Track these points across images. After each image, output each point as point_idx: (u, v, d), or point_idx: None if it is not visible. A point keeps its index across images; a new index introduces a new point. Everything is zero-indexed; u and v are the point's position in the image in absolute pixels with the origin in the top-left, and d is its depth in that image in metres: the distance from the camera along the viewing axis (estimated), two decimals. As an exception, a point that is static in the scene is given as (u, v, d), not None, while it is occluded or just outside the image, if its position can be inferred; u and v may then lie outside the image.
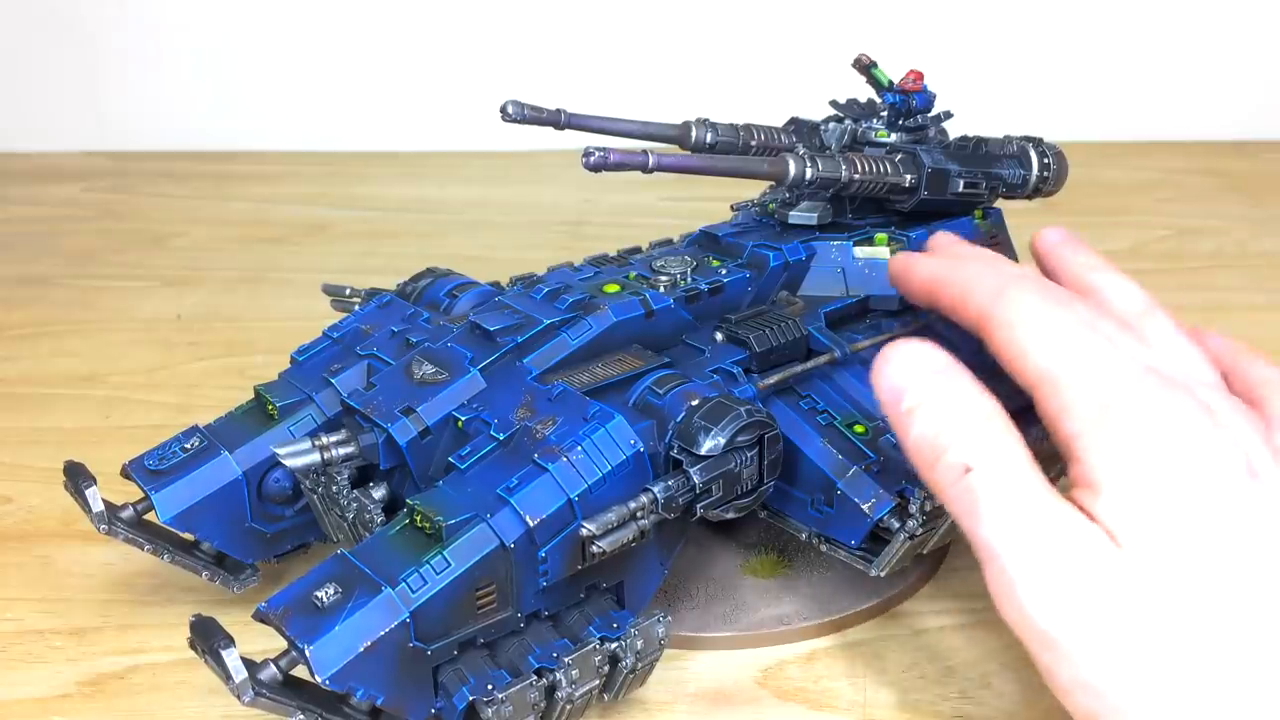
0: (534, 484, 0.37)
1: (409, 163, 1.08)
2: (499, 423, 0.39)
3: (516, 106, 0.46)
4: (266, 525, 0.45)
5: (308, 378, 0.45)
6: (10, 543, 0.52)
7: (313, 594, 0.34)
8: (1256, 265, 0.81)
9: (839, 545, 0.43)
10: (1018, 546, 0.31)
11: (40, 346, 0.72)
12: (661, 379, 0.41)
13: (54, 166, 1.09)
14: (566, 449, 0.37)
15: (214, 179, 1.05)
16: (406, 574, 0.35)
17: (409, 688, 0.35)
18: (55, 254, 0.88)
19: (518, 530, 0.36)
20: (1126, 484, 0.31)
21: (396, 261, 0.85)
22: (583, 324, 0.43)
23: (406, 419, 0.40)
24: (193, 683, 0.43)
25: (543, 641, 0.37)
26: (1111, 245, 0.86)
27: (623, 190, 0.96)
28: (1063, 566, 0.31)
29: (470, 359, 0.42)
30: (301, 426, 0.44)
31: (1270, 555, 0.30)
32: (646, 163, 0.41)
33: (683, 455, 0.39)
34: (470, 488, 0.37)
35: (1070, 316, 0.35)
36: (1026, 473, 0.32)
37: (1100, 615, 0.30)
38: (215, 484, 0.43)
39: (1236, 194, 0.95)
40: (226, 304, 0.78)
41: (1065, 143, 0.61)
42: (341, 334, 0.47)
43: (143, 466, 0.44)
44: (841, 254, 0.50)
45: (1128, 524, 0.31)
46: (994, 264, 0.40)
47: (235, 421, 0.45)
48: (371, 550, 0.36)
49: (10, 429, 0.62)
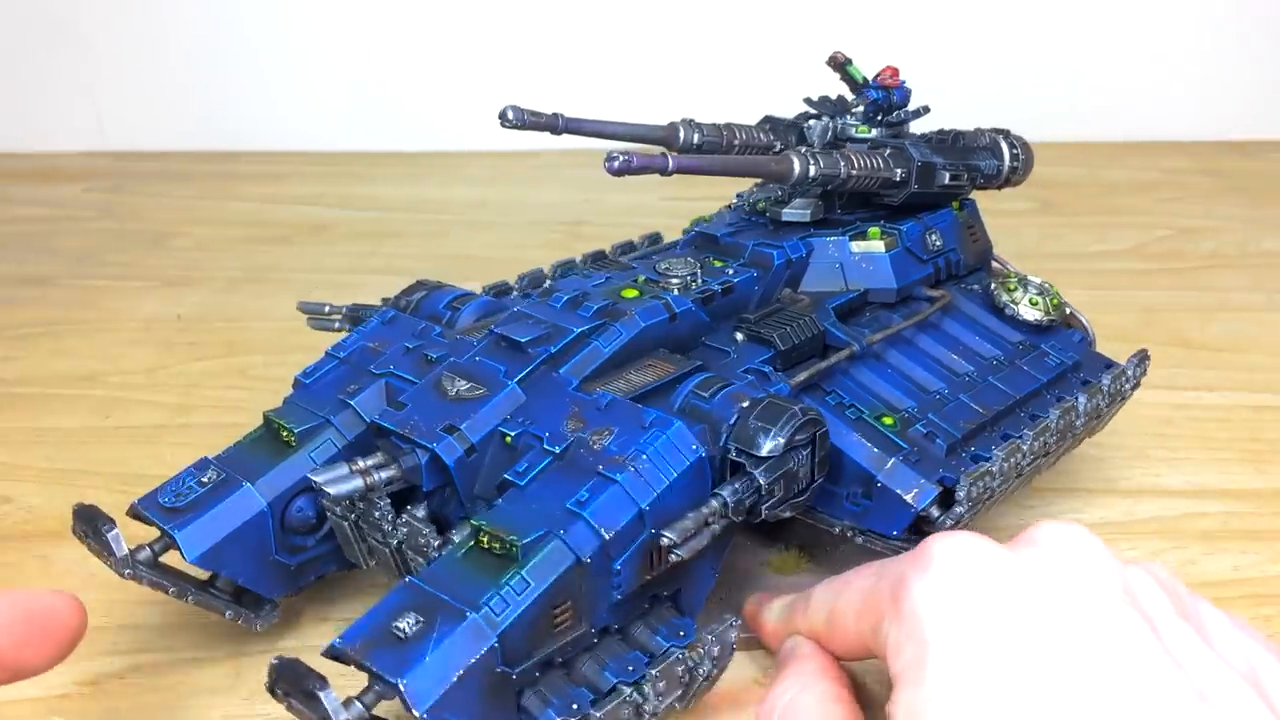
0: (605, 496, 0.36)
1: (409, 163, 1.08)
2: (551, 436, 0.39)
3: (516, 112, 0.46)
4: (290, 557, 0.43)
5: (321, 401, 0.44)
6: (10, 543, 0.52)
7: (391, 626, 0.33)
8: (1256, 265, 0.81)
9: (877, 537, 0.43)
10: None
11: (40, 346, 0.72)
12: (703, 383, 0.41)
13: (54, 166, 1.09)
14: (631, 458, 0.37)
15: (214, 179, 1.05)
16: (487, 598, 0.34)
17: (495, 714, 0.34)
18: (55, 254, 0.88)
19: (593, 544, 0.36)
20: (912, 686, 0.31)
21: (396, 261, 0.85)
22: (612, 331, 0.43)
23: (451, 437, 0.39)
24: (193, 683, 0.43)
25: (615, 656, 0.37)
26: (1111, 245, 0.86)
27: (623, 190, 0.95)
28: None
29: (504, 372, 0.41)
30: (322, 452, 0.42)
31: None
32: (666, 166, 0.41)
33: (743, 458, 0.39)
34: (534, 504, 0.37)
35: None
36: None
37: None
38: (240, 518, 0.41)
39: (1236, 194, 0.95)
40: (226, 304, 0.78)
41: (1065, 143, 0.61)
42: (348, 353, 0.46)
43: (157, 504, 0.41)
44: (838, 249, 0.51)
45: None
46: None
47: (248, 451, 0.43)
48: (442, 576, 0.35)
49: (10, 429, 0.62)
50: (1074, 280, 0.78)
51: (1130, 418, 0.60)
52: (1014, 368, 0.50)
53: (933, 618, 0.31)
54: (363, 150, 1.11)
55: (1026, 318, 0.52)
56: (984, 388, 0.48)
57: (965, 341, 0.51)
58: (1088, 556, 0.33)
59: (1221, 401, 0.62)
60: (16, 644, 0.33)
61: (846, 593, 0.37)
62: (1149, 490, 0.55)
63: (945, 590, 0.32)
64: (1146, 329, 0.71)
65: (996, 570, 0.32)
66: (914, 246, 0.51)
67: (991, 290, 0.53)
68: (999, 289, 0.53)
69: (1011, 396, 0.48)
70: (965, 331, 0.51)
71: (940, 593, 0.32)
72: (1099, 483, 0.55)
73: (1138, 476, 0.56)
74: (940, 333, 0.51)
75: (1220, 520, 0.52)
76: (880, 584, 0.34)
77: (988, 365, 0.49)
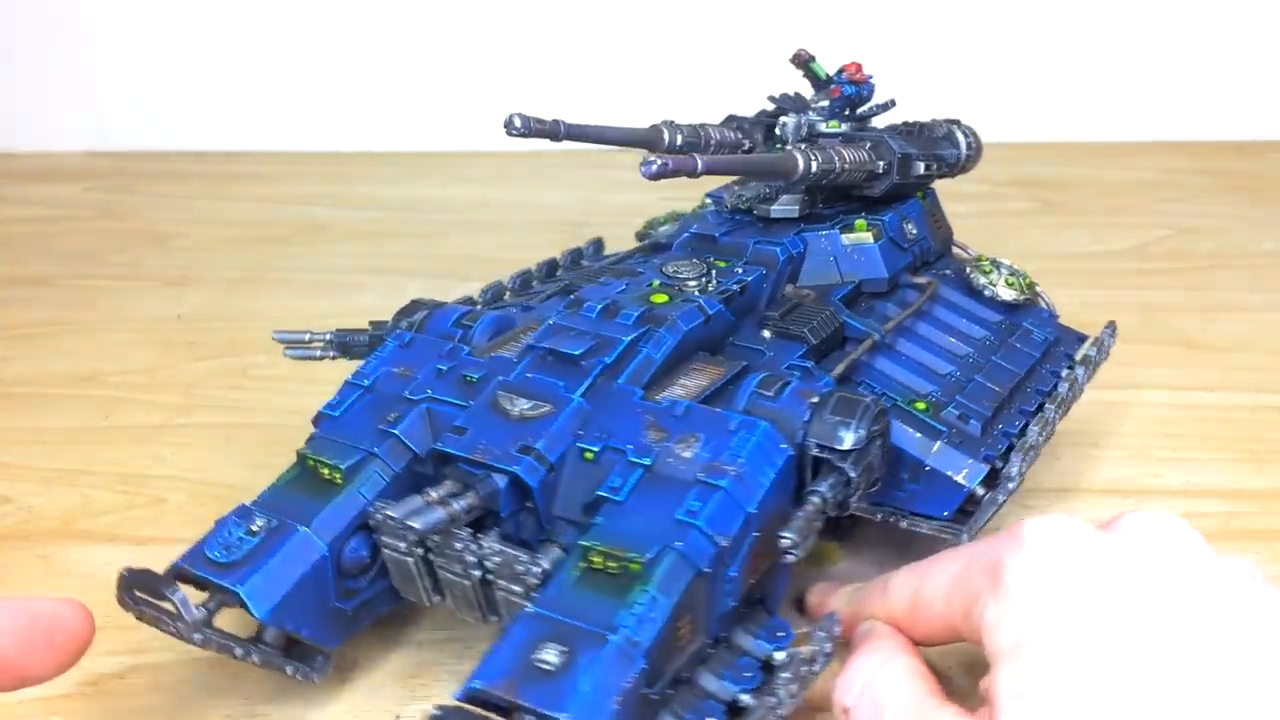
0: (714, 504, 0.36)
1: (410, 163, 1.08)
2: (635, 448, 0.38)
3: (524, 120, 0.46)
4: (347, 602, 0.40)
5: (356, 433, 0.42)
6: (10, 543, 0.52)
7: (532, 659, 0.32)
8: (1256, 265, 0.81)
9: (922, 519, 0.44)
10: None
11: (40, 346, 0.72)
12: (764, 382, 0.41)
13: (54, 166, 1.09)
14: (728, 463, 0.37)
15: (214, 179, 1.05)
16: (621, 619, 0.33)
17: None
18: (55, 254, 0.88)
19: (709, 553, 0.35)
20: (1014, 658, 0.32)
21: (396, 261, 0.85)
22: (658, 337, 0.43)
23: (529, 458, 0.38)
24: (193, 683, 0.43)
25: (727, 664, 0.36)
26: (1111, 245, 0.86)
27: (622, 190, 0.95)
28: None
29: (564, 387, 0.40)
30: (372, 486, 0.40)
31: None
32: (696, 168, 0.42)
33: (826, 453, 0.39)
34: (639, 518, 0.36)
35: None
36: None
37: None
38: (303, 565, 0.38)
39: (1236, 194, 0.95)
40: (226, 304, 0.78)
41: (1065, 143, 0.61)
42: (371, 381, 0.44)
43: (207, 560, 0.38)
44: (830, 243, 0.52)
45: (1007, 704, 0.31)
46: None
47: (289, 493, 0.41)
48: (565, 601, 0.34)
49: (10, 429, 0.62)
50: (1074, 280, 0.78)
51: (1130, 417, 0.60)
52: (1009, 346, 0.52)
53: (1034, 595, 0.33)
54: (363, 150, 1.11)
55: (1005, 298, 0.54)
56: (992, 367, 0.50)
57: (955, 325, 0.52)
58: (1181, 541, 0.34)
59: (1221, 401, 0.62)
60: (22, 651, 0.33)
61: (933, 577, 0.38)
62: (1149, 490, 0.55)
63: (1044, 568, 0.33)
64: (1146, 329, 0.71)
65: (1093, 549, 0.34)
66: (896, 236, 0.53)
67: (967, 274, 0.55)
68: (974, 272, 0.55)
69: (1017, 374, 0.50)
70: (952, 315, 0.53)
71: (1039, 571, 0.33)
72: (1100, 483, 0.55)
73: (1138, 476, 0.56)
74: (933, 318, 0.52)
75: (1220, 520, 0.52)
76: (972, 566, 0.36)
77: (982, 345, 0.51)
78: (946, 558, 0.38)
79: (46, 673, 0.34)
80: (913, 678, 0.36)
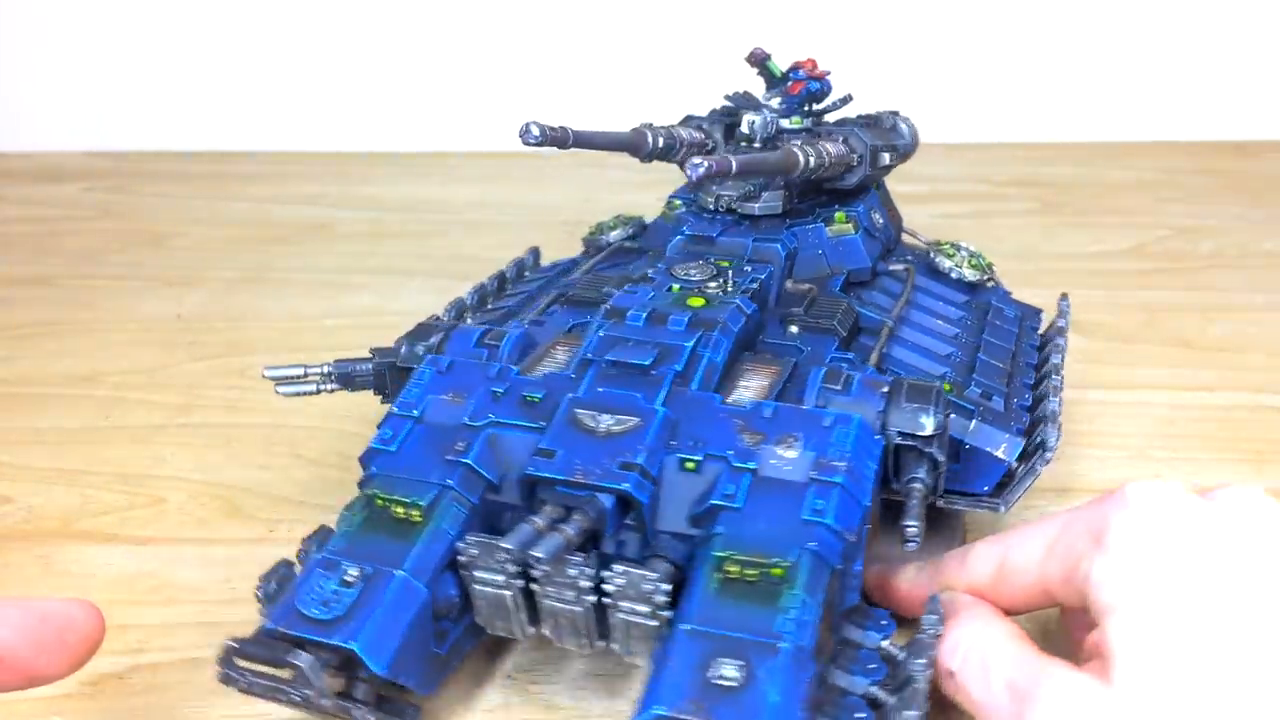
0: (835, 501, 0.36)
1: (410, 163, 1.08)
2: (736, 453, 0.38)
3: (541, 129, 0.46)
4: (440, 645, 0.38)
5: (420, 466, 0.40)
6: (10, 543, 0.52)
7: (709, 678, 0.31)
8: (1256, 265, 0.81)
9: (960, 495, 0.45)
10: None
11: (40, 346, 0.72)
12: (829, 376, 0.42)
13: (54, 166, 1.09)
14: (836, 460, 0.37)
15: (214, 179, 1.05)
16: (780, 626, 0.33)
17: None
18: (55, 254, 0.88)
19: (838, 550, 0.36)
20: (1127, 611, 0.33)
21: (395, 261, 0.85)
22: (714, 340, 0.43)
23: (633, 474, 0.37)
24: (193, 683, 0.43)
25: (851, 660, 0.36)
26: (1111, 245, 0.86)
27: (622, 191, 0.96)
28: (1050, 708, 0.33)
29: (643, 398, 0.40)
30: (453, 520, 0.38)
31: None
32: (731, 168, 0.44)
33: (907, 440, 0.40)
34: (760, 523, 0.36)
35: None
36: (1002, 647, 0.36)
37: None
38: (409, 611, 0.36)
39: (1236, 194, 0.95)
40: (226, 304, 0.78)
41: (1065, 143, 0.62)
42: (420, 411, 0.42)
43: (304, 618, 0.35)
44: (816, 236, 0.53)
45: (1122, 654, 0.32)
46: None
47: (365, 536, 0.38)
48: (714, 614, 0.34)
49: (10, 429, 0.62)
50: (1074, 280, 0.78)
51: (1130, 417, 0.60)
52: (991, 325, 0.54)
53: (1143, 550, 0.34)
54: (362, 150, 1.12)
55: (970, 279, 0.57)
56: (988, 346, 0.51)
57: (935, 308, 0.54)
58: (1276, 515, 0.35)
59: (1221, 401, 0.62)
60: (32, 650, 0.33)
61: (1022, 544, 0.38)
62: (1149, 490, 0.55)
63: (1152, 527, 0.35)
64: (1146, 329, 0.71)
65: (1198, 512, 0.35)
66: (869, 226, 0.54)
67: (932, 258, 0.57)
68: (939, 256, 0.57)
69: (1010, 350, 0.52)
70: (929, 299, 0.55)
71: (1148, 529, 0.35)
72: (1100, 483, 0.55)
73: (1138, 476, 0.55)
74: (917, 303, 0.54)
75: (1220, 520, 0.52)
76: (1070, 530, 0.37)
77: (964, 325, 0.53)
78: (1033, 527, 0.39)
79: (57, 672, 0.34)
80: (1014, 638, 0.36)
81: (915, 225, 0.63)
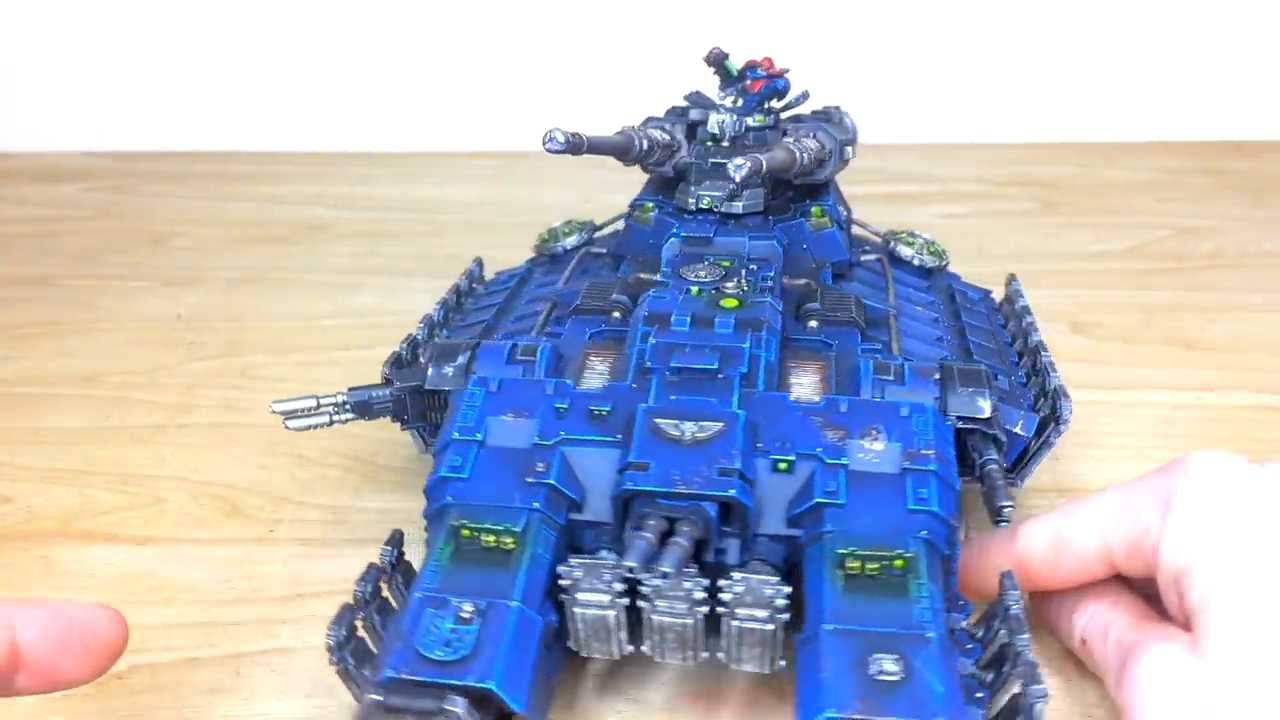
0: (935, 488, 0.37)
1: (409, 163, 1.08)
2: (825, 450, 0.38)
3: (565, 135, 0.46)
4: (546, 672, 0.37)
5: (499, 491, 0.39)
6: (10, 543, 0.52)
7: (870, 676, 0.31)
8: (1256, 265, 0.81)
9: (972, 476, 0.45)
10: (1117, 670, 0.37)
11: (41, 346, 0.72)
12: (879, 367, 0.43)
13: (54, 166, 1.09)
14: (923, 448, 0.38)
15: (214, 179, 1.05)
16: (918, 616, 0.33)
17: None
18: (55, 254, 0.88)
19: (944, 536, 0.36)
20: (1202, 571, 0.35)
21: (395, 261, 0.85)
22: (764, 340, 0.44)
23: (733, 479, 0.37)
24: (193, 683, 0.43)
25: (949, 647, 0.36)
26: (1111, 245, 0.86)
27: (622, 191, 0.95)
28: (1150, 675, 0.35)
29: (718, 403, 0.40)
30: (545, 544, 0.37)
31: None
32: (763, 167, 0.47)
33: (967, 423, 0.41)
34: (866, 517, 0.36)
35: None
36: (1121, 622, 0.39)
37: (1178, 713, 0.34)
38: (532, 643, 0.35)
39: (1236, 194, 0.95)
40: (226, 304, 0.78)
41: (1065, 143, 0.62)
42: (483, 434, 0.41)
43: (427, 661, 0.33)
44: (800, 232, 0.55)
45: (1205, 614, 0.34)
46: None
47: (459, 570, 0.36)
48: (849, 611, 0.34)
49: (10, 429, 0.62)
50: (1074, 280, 0.78)
51: (1130, 417, 0.60)
52: (964, 308, 0.55)
53: (1216, 513, 0.36)
54: (362, 150, 1.12)
55: (929, 265, 0.59)
56: (971, 328, 0.52)
57: (910, 295, 0.55)
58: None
59: (1221, 401, 0.62)
60: (53, 653, 0.33)
61: (1078, 519, 0.40)
62: (1149, 490, 0.55)
63: (1221, 491, 0.37)
64: (1146, 329, 0.71)
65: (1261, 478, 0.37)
66: (838, 219, 0.55)
67: (892, 247, 0.59)
68: (899, 244, 0.59)
69: (989, 330, 0.53)
70: (903, 286, 0.56)
71: (1217, 493, 0.36)
72: (1100, 483, 0.55)
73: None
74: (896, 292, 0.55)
75: (1220, 520, 0.52)
76: (1132, 503, 0.38)
77: (939, 309, 0.54)
78: (1086, 501, 0.40)
79: (78, 677, 0.34)
80: (1132, 606, 0.39)
81: (916, 225, 0.63)
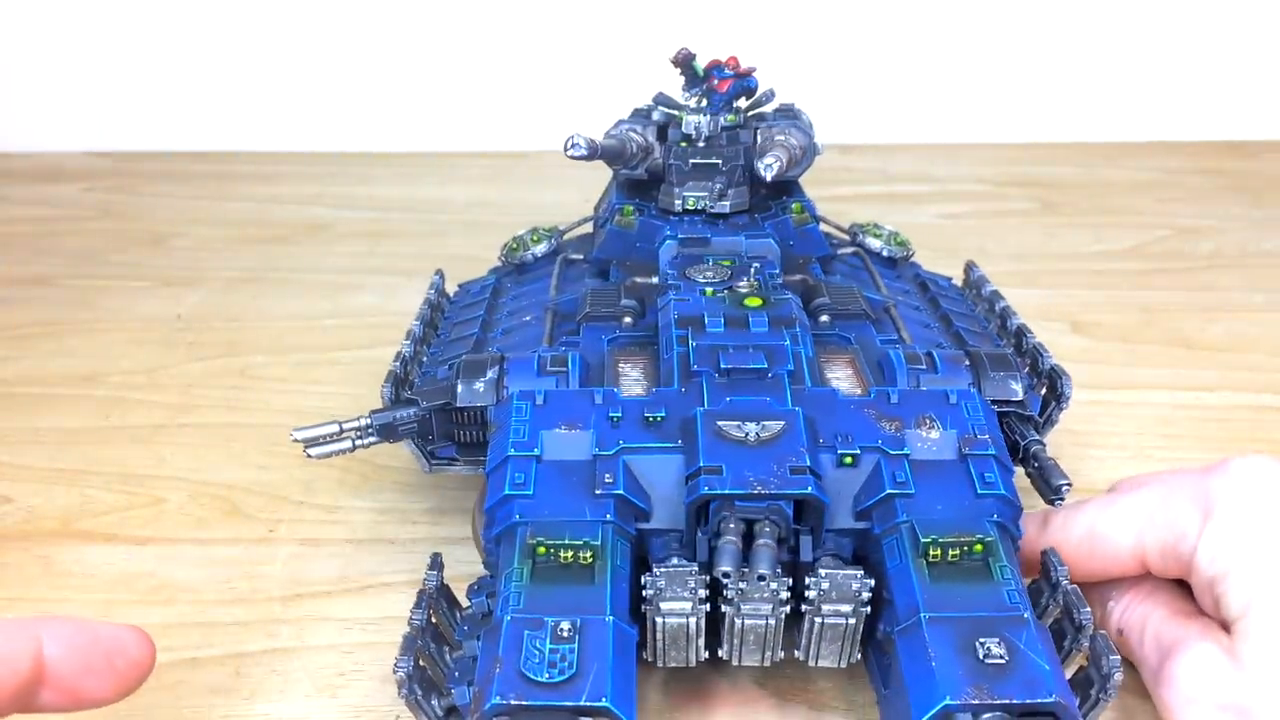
0: (998, 471, 0.38)
1: (409, 163, 1.08)
2: (885, 441, 0.39)
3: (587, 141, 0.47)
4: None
5: (569, 504, 0.38)
6: (10, 543, 0.52)
7: (979, 660, 0.32)
8: (1256, 265, 0.81)
9: None
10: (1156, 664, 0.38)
11: (40, 346, 0.72)
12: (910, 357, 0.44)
13: (54, 166, 1.09)
14: (978, 433, 0.39)
15: (214, 179, 1.05)
16: (1007, 597, 0.34)
17: None
18: (55, 254, 0.88)
19: (1010, 517, 0.37)
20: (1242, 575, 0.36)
21: (395, 262, 0.85)
22: (799, 337, 0.45)
23: (805, 477, 0.37)
24: (193, 683, 0.43)
25: (1042, 626, 0.37)
26: (1111, 245, 0.86)
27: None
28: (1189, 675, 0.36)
29: (772, 402, 0.40)
30: (622, 555, 0.37)
31: None
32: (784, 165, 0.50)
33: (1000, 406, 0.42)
34: (938, 504, 0.37)
35: None
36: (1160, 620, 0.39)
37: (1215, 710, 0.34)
38: (630, 657, 0.35)
39: (1236, 194, 0.95)
40: (226, 304, 0.78)
41: (1065, 143, 0.62)
42: (540, 449, 0.40)
43: (532, 684, 0.32)
44: (786, 228, 0.56)
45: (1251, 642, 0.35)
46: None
47: (542, 588, 0.36)
48: (941, 599, 0.34)
49: (10, 429, 0.62)
50: (1074, 280, 0.79)
51: (1130, 417, 0.60)
52: (940, 295, 0.56)
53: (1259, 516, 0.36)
54: (362, 150, 1.11)
55: (896, 255, 0.60)
56: (954, 314, 0.53)
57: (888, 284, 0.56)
58: None
59: (1221, 401, 0.62)
60: (78, 671, 0.32)
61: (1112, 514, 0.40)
62: (1149, 490, 0.55)
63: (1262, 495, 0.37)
64: (1146, 329, 0.71)
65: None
66: (814, 213, 0.56)
67: (860, 239, 0.61)
68: (867, 236, 0.61)
69: (968, 314, 0.54)
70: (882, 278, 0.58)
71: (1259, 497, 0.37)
72: (1100, 483, 0.55)
73: (1138, 476, 0.56)
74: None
75: (1220, 520, 0.52)
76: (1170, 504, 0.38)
77: (916, 297, 0.56)
78: (1120, 497, 0.40)
79: (104, 696, 0.33)
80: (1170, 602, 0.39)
81: (916, 225, 0.64)
